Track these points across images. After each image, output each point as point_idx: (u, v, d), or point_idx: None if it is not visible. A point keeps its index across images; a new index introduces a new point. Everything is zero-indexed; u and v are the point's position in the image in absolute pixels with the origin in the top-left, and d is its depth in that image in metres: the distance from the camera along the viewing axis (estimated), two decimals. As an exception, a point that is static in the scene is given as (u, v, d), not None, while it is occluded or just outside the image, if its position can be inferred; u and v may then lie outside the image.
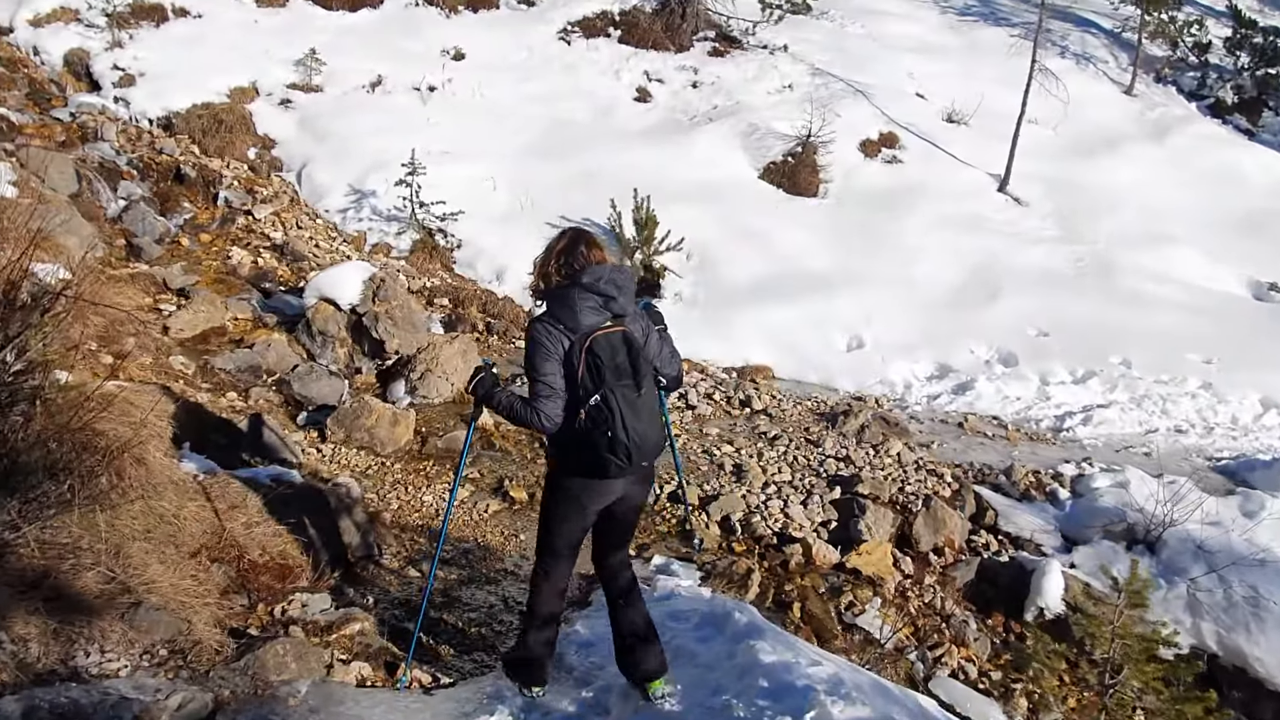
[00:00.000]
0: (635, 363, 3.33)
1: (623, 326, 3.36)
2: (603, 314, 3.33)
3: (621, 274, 3.42)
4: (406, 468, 6.90)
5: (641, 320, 3.50)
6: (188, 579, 4.22)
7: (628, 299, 3.39)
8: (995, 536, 7.13)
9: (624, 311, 3.38)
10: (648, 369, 3.40)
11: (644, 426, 3.29)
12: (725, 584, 5.26)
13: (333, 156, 11.92)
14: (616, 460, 3.26)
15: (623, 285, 3.37)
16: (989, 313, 10.37)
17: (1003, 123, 13.79)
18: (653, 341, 3.52)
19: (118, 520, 4.43)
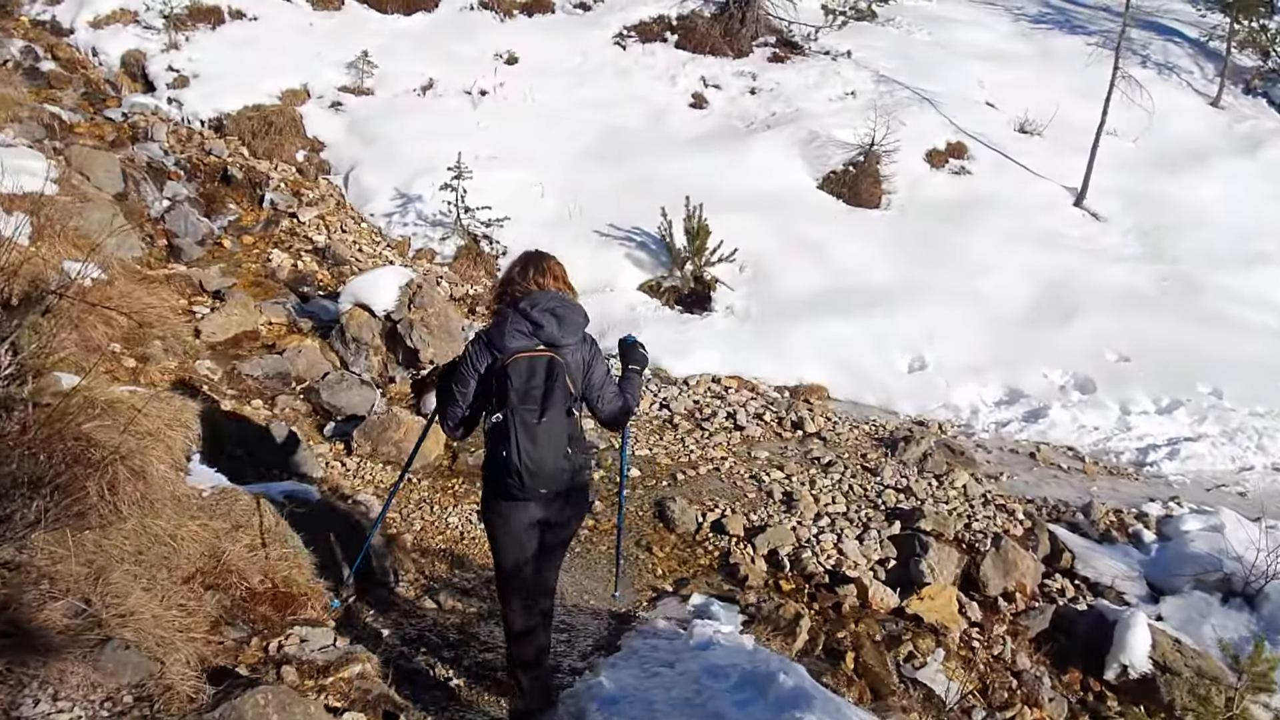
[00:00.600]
0: (549, 390, 3.34)
1: (550, 353, 3.37)
2: (531, 339, 3.38)
3: (560, 303, 3.45)
4: (434, 485, 6.52)
5: (582, 351, 3.48)
6: (174, 609, 3.83)
7: (564, 328, 3.40)
8: (1072, 581, 6.48)
9: (554, 340, 3.39)
10: (562, 398, 3.37)
11: (539, 452, 3.31)
12: (770, 631, 4.73)
13: (380, 160, 11.68)
14: (511, 481, 3.34)
15: (561, 314, 3.40)
16: (1064, 334, 9.64)
17: (1079, 134, 13.02)
18: (594, 375, 3.51)
19: (106, 540, 4.07)
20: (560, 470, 3.40)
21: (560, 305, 3.43)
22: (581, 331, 3.50)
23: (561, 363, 3.37)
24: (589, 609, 5.08)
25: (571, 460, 3.44)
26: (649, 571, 5.69)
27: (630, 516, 6.32)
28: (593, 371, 3.51)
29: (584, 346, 3.51)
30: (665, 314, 9.91)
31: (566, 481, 3.45)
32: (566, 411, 3.40)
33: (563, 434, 3.39)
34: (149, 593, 3.88)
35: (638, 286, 10.27)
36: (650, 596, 5.35)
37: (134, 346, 6.68)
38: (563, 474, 3.41)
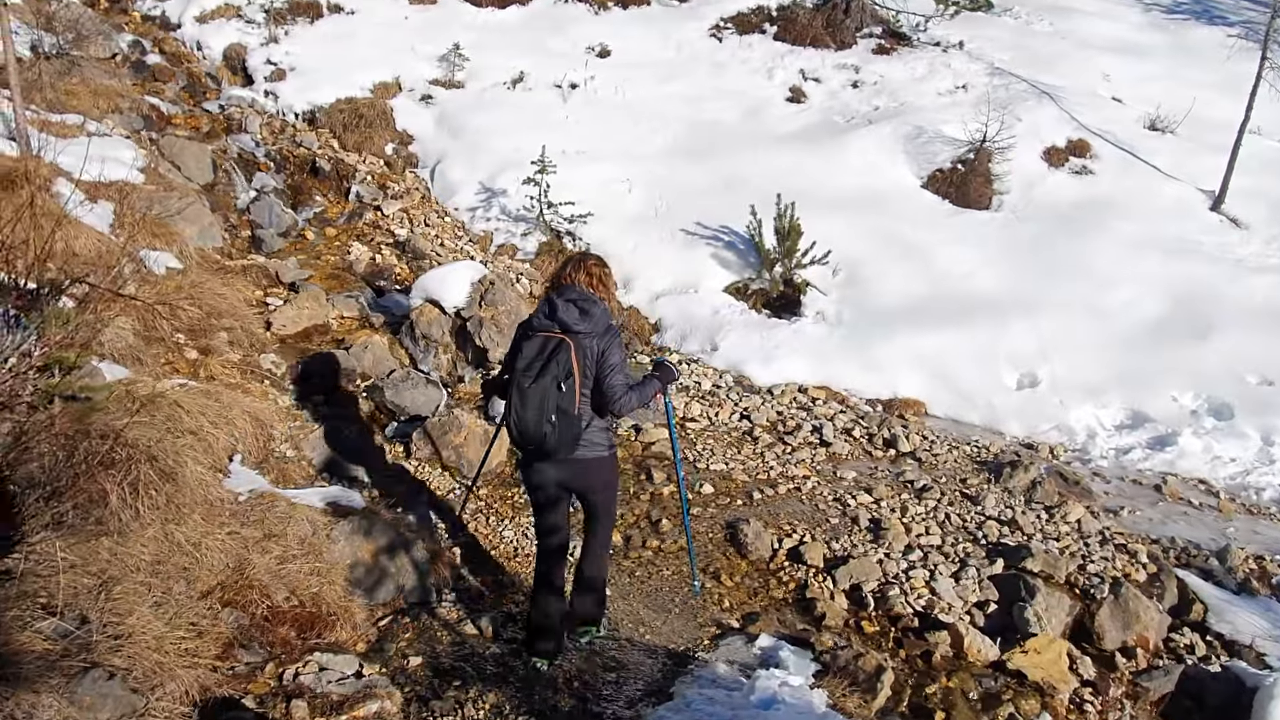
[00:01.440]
0: (546, 364, 3.91)
1: (561, 336, 3.95)
2: (550, 322, 3.99)
3: (582, 296, 4.04)
4: (493, 494, 6.15)
5: (599, 341, 3.99)
6: (183, 629, 3.54)
7: (583, 318, 3.96)
8: (1203, 638, 5.63)
9: (569, 325, 3.96)
10: (556, 372, 3.88)
11: (525, 413, 3.90)
12: (847, 686, 4.15)
13: (467, 153, 11.49)
14: (512, 436, 4.05)
15: (582, 306, 4.00)
16: (1197, 353, 8.62)
17: (1217, 132, 11.80)
18: (607, 362, 4.00)
19: (123, 548, 3.81)
20: (542, 433, 3.91)
21: (582, 299, 4.02)
22: (602, 325, 4.03)
23: (569, 344, 3.91)
24: (643, 645, 4.60)
25: (557, 428, 3.89)
26: (715, 603, 5.17)
27: (699, 538, 5.81)
28: (607, 359, 4.00)
29: (602, 338, 4.01)
30: (751, 318, 9.34)
31: (554, 443, 3.93)
32: (557, 385, 3.88)
33: (550, 403, 3.88)
34: (158, 608, 3.59)
35: (724, 288, 9.73)
36: (713, 633, 4.83)
37: (199, 338, 6.55)
38: (546, 436, 3.91)
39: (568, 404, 3.90)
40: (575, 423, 3.95)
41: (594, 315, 4.00)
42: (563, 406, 3.88)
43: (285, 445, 5.52)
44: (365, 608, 4.47)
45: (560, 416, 3.88)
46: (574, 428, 3.95)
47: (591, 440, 4.10)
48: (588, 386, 3.99)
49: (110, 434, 4.12)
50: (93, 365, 4.53)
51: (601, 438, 4.17)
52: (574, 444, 3.98)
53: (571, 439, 3.96)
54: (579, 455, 4.05)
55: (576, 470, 4.13)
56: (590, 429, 4.08)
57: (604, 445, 4.19)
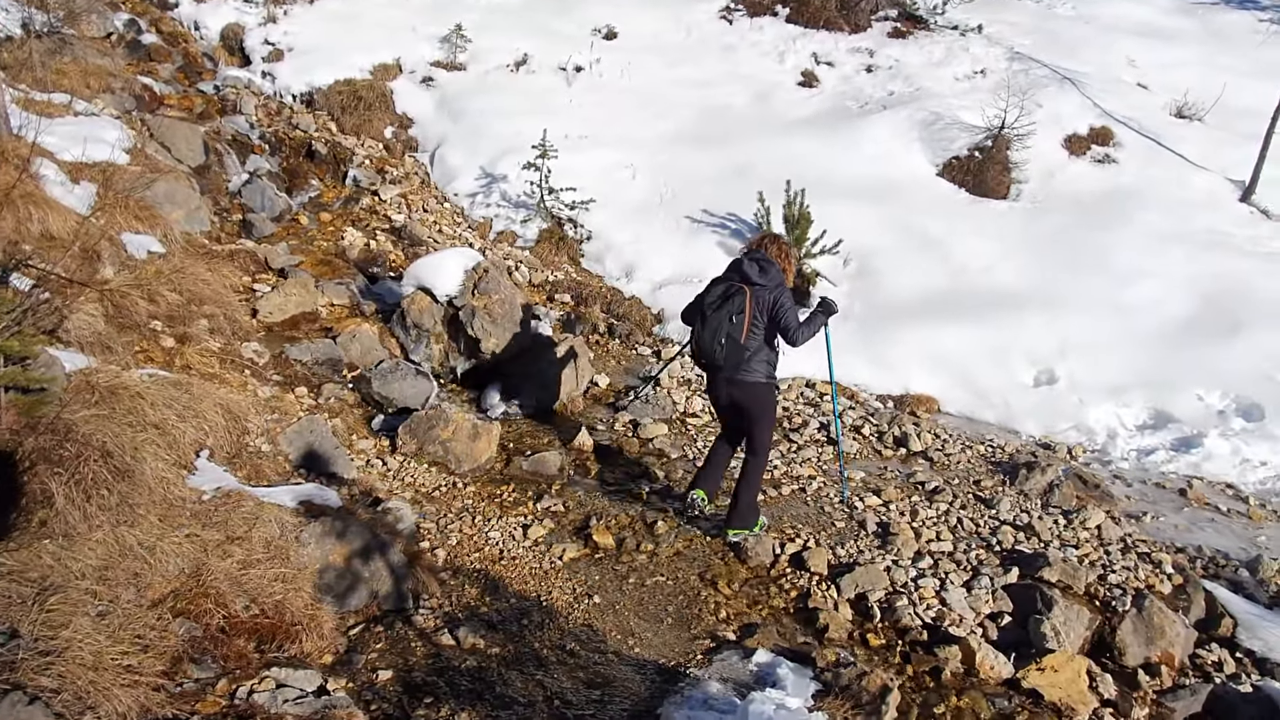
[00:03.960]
0: (724, 301, 5.14)
1: (740, 284, 5.15)
2: (733, 274, 5.24)
3: (763, 259, 5.21)
4: (480, 492, 5.86)
5: (772, 293, 5.12)
6: (127, 642, 3.25)
7: (761, 274, 5.12)
8: (1233, 654, 5.28)
9: (749, 277, 5.14)
10: (730, 309, 5.11)
11: (706, 335, 5.17)
12: (849, 709, 3.84)
13: (467, 138, 11.18)
14: (694, 351, 5.33)
15: (763, 265, 5.16)
16: (1225, 351, 8.23)
17: (1248, 120, 11.37)
18: (779, 310, 5.12)
19: (68, 552, 3.53)
20: (714, 352, 5.15)
21: (764, 261, 5.20)
22: (775, 282, 5.15)
23: (746, 291, 5.12)
24: (631, 659, 4.29)
25: (725, 348, 5.12)
26: (711, 613, 4.85)
27: (697, 542, 5.50)
28: (781, 305, 5.11)
29: (774, 291, 5.13)
30: (758, 310, 9.00)
31: (721, 360, 5.16)
32: (729, 318, 5.10)
33: (722, 330, 5.12)
34: (101, 620, 3.30)
35: (729, 278, 9.39)
36: (707, 646, 4.51)
37: (177, 325, 6.27)
38: (717, 355, 5.15)
39: (736, 333, 5.09)
40: (740, 349, 5.11)
41: (770, 274, 5.14)
42: (731, 335, 5.10)
43: (261, 439, 5.24)
44: (335, 616, 4.18)
45: (728, 340, 5.11)
46: (739, 353, 5.12)
47: (753, 368, 5.19)
48: (757, 325, 5.12)
49: (61, 429, 3.84)
50: (49, 355, 4.25)
51: (762, 369, 5.23)
52: (737, 366, 5.16)
53: (735, 362, 5.15)
54: (740, 376, 5.19)
55: (737, 387, 5.24)
56: (754, 359, 5.17)
57: (763, 375, 5.25)
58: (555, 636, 4.40)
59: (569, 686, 3.94)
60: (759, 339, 5.15)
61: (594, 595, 4.86)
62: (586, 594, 4.87)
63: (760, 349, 5.17)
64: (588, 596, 4.85)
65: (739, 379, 5.19)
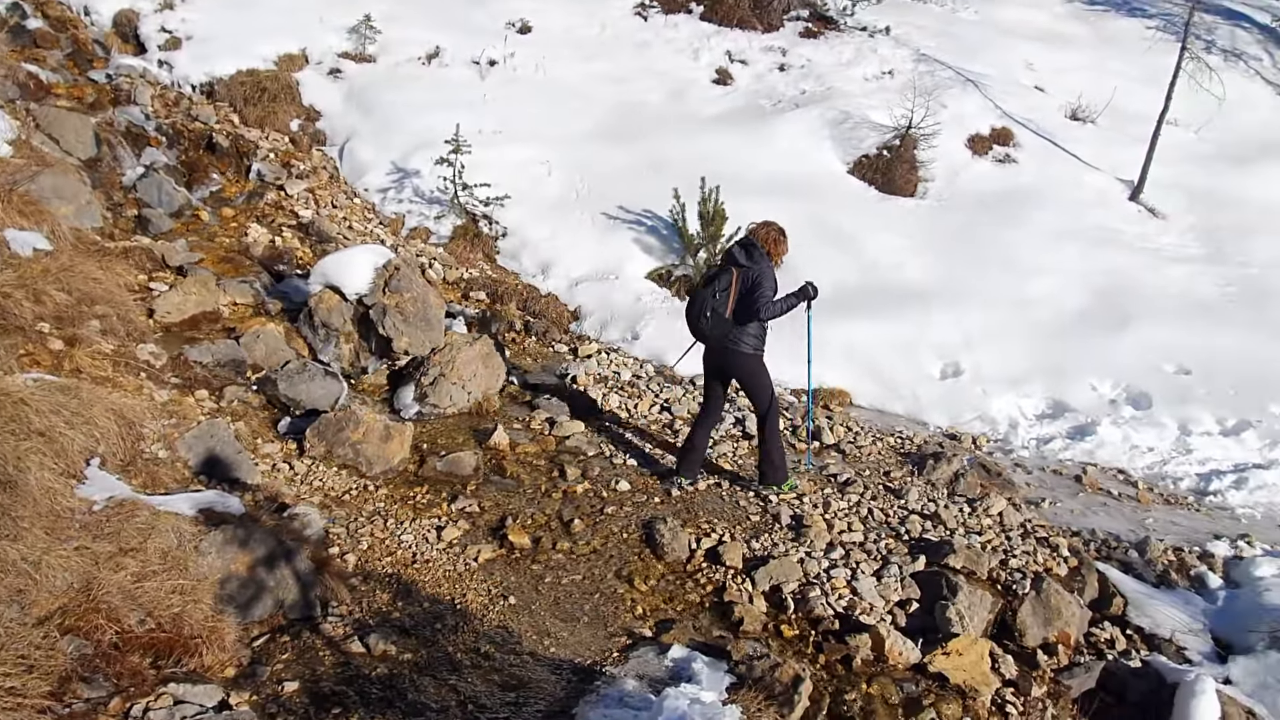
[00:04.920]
0: (712, 280, 5.78)
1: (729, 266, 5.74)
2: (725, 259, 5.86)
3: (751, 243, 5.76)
4: (393, 494, 5.74)
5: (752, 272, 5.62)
6: (9, 663, 3.07)
7: (745, 256, 5.69)
8: (1124, 632, 5.56)
9: (735, 260, 5.72)
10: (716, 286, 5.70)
11: (691, 311, 5.83)
12: (762, 700, 3.89)
13: (378, 131, 10.92)
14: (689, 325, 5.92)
15: (748, 249, 5.73)
16: (1116, 343, 8.66)
17: (1136, 123, 11.99)
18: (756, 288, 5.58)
19: (-60, 570, 3.30)
20: (698, 326, 5.78)
21: (751, 246, 5.73)
22: (760, 265, 5.65)
23: (733, 271, 5.68)
24: (547, 659, 4.27)
25: (711, 326, 5.71)
26: (627, 610, 4.86)
27: (613, 539, 5.50)
28: (758, 283, 5.57)
29: (756, 268, 5.64)
30: (674, 305, 9.05)
31: (707, 332, 5.76)
32: (714, 294, 5.68)
33: (707, 305, 5.70)
34: (-23, 641, 3.10)
35: (646, 274, 9.42)
36: (623, 644, 4.52)
37: (66, 327, 5.96)
38: (703, 327, 5.75)
39: (721, 308, 5.66)
40: (725, 323, 5.67)
41: (755, 258, 5.67)
42: (716, 310, 5.67)
43: (157, 445, 5.02)
44: (238, 627, 4.04)
45: (713, 315, 5.69)
46: (723, 326, 5.68)
47: (739, 339, 5.72)
48: (742, 302, 5.61)
49: (-70, 439, 3.60)
50: (-84, 359, 3.98)
51: (748, 341, 5.76)
52: (723, 338, 5.72)
53: (720, 334, 5.71)
54: (728, 347, 5.75)
55: (724, 358, 5.85)
56: (739, 332, 5.70)
57: (749, 346, 5.78)
58: (470, 640, 4.35)
59: (483, 690, 3.89)
60: (744, 314, 5.63)
61: (509, 596, 4.81)
62: (502, 595, 4.82)
63: (747, 323, 5.69)
64: (503, 598, 4.80)
65: (726, 349, 5.76)
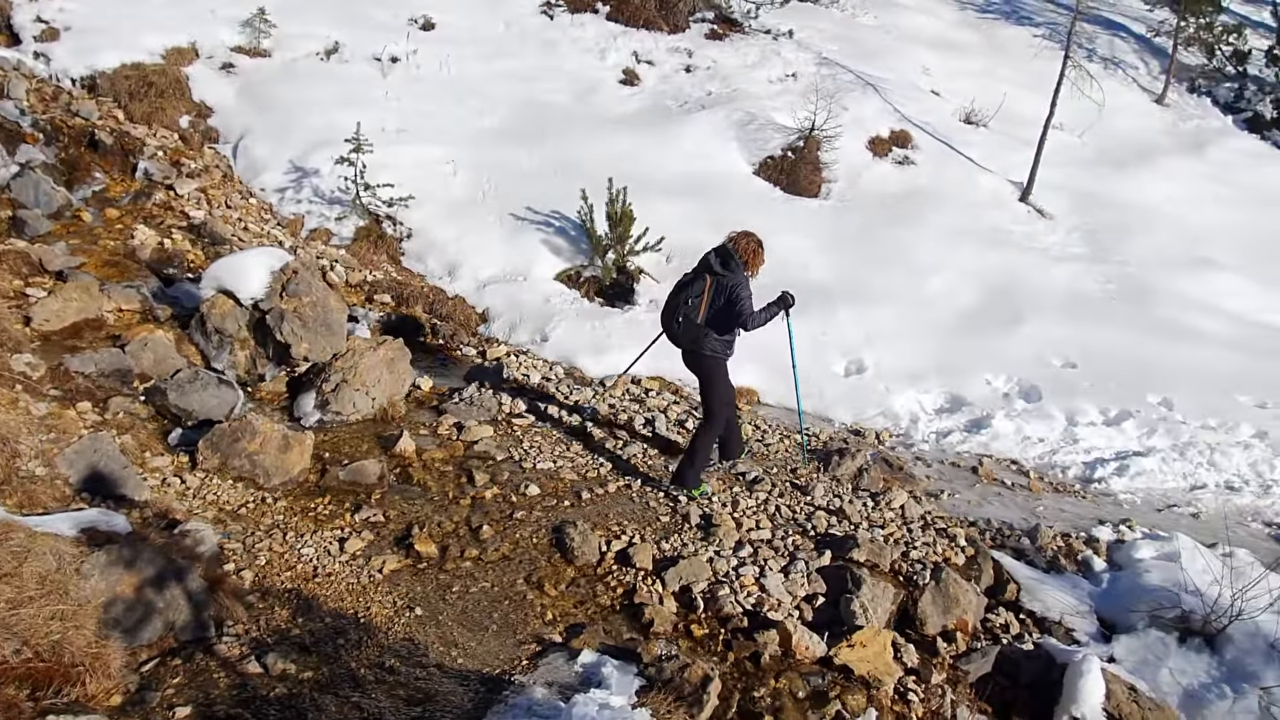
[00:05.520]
0: (687, 286, 5.96)
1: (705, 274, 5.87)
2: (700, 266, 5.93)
3: (727, 252, 5.84)
4: (292, 506, 5.55)
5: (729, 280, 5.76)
6: None
7: (722, 265, 5.80)
8: (1017, 616, 5.80)
9: (711, 267, 5.84)
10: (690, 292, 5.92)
11: (665, 317, 6.09)
12: (672, 701, 3.91)
13: (274, 129, 10.57)
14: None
15: (724, 258, 5.83)
16: (1009, 338, 9.04)
17: (1025, 127, 12.53)
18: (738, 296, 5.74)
19: None
20: (673, 331, 6.03)
21: (728, 255, 5.82)
22: (736, 274, 5.78)
23: (707, 279, 5.85)
24: (455, 671, 4.19)
25: (681, 329, 5.96)
26: (537, 616, 4.82)
27: (523, 545, 5.45)
28: (738, 293, 5.73)
29: (732, 278, 5.77)
30: (584, 307, 9.04)
31: (678, 337, 6.03)
32: (686, 300, 5.91)
33: (679, 312, 5.93)
34: None
35: (555, 276, 9.37)
36: (533, 651, 4.48)
37: (-69, 336, 5.56)
38: (675, 330, 6.01)
39: (693, 314, 5.87)
40: (695, 328, 5.90)
41: (731, 267, 5.80)
42: (688, 315, 5.90)
43: (34, 462, 4.73)
44: (124, 652, 3.83)
45: (684, 320, 5.93)
46: (693, 330, 5.91)
47: (708, 344, 5.93)
48: (712, 309, 5.82)
49: None
50: None
51: (717, 346, 5.96)
52: (694, 341, 5.95)
53: (690, 338, 5.95)
54: (696, 349, 5.98)
55: (693, 359, 6.10)
56: (708, 337, 5.91)
57: (717, 351, 5.99)
58: (374, 654, 4.23)
59: (388, 706, 3.79)
60: (717, 322, 5.85)
61: (416, 607, 4.71)
62: (408, 607, 4.72)
63: (716, 330, 5.90)
64: (409, 609, 4.69)
65: (696, 352, 6.01)
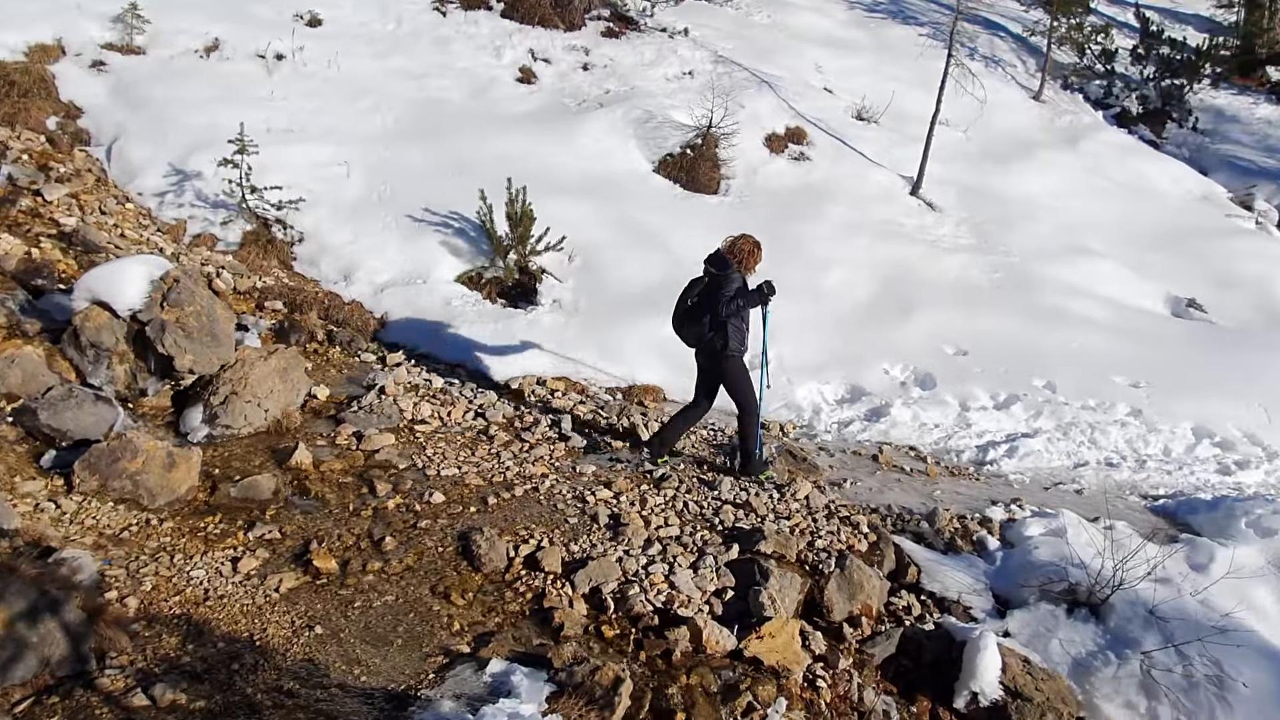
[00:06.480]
0: (689, 289, 6.48)
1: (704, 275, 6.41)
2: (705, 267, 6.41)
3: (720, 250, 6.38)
4: (180, 527, 5.28)
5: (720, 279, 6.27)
6: None
7: (717, 265, 6.32)
8: (918, 598, 6.00)
9: (710, 269, 6.35)
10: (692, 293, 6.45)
11: (674, 316, 6.54)
12: (583, 706, 3.87)
13: (152, 130, 10.05)
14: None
15: (719, 258, 6.35)
16: (904, 329, 9.33)
17: (913, 124, 12.94)
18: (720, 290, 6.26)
19: None
20: (680, 327, 6.51)
21: (720, 256, 6.32)
22: (726, 270, 6.28)
23: (704, 279, 6.37)
24: (358, 690, 4.06)
25: (687, 327, 6.46)
26: (444, 627, 4.70)
27: (429, 554, 5.32)
28: (721, 287, 6.25)
29: (723, 275, 6.27)
30: (486, 309, 8.90)
31: (685, 335, 6.51)
32: (688, 301, 6.41)
33: (684, 310, 6.44)
34: None
35: (455, 278, 9.20)
36: (440, 664, 4.37)
37: None
38: (681, 331, 6.51)
39: (701, 316, 6.36)
40: (699, 327, 6.37)
41: (723, 264, 6.28)
42: (691, 314, 6.39)
43: (-116, 494, 4.36)
44: (-7, 693, 3.57)
45: (688, 318, 6.42)
46: (698, 328, 6.39)
47: (716, 341, 6.35)
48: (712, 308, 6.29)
49: None
50: None
51: (722, 343, 6.35)
52: (700, 339, 6.42)
53: (695, 335, 6.44)
54: (705, 347, 6.44)
55: (706, 357, 6.53)
56: (715, 334, 6.33)
57: (721, 345, 6.37)
58: (271, 678, 4.06)
59: (288, 736, 3.64)
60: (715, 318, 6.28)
61: (316, 626, 4.54)
62: (307, 626, 4.54)
63: (721, 325, 6.30)
64: (309, 628, 4.52)
65: (705, 349, 6.45)
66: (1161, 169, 14.23)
